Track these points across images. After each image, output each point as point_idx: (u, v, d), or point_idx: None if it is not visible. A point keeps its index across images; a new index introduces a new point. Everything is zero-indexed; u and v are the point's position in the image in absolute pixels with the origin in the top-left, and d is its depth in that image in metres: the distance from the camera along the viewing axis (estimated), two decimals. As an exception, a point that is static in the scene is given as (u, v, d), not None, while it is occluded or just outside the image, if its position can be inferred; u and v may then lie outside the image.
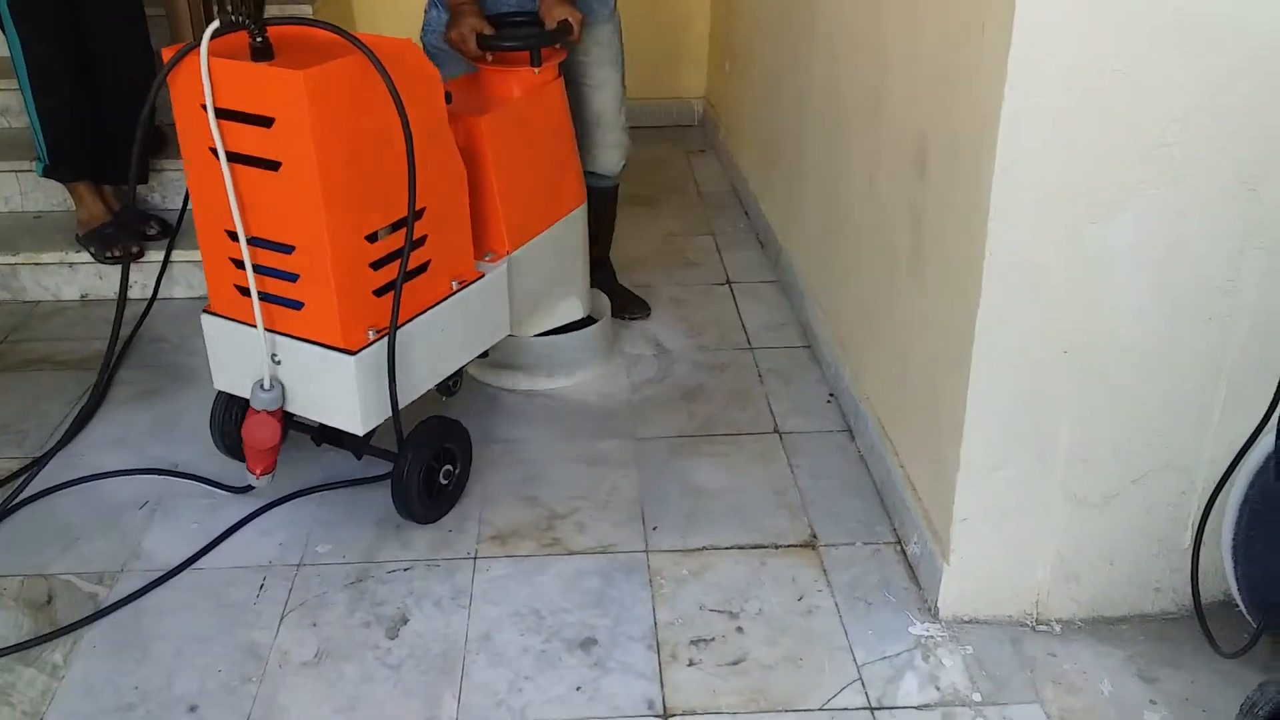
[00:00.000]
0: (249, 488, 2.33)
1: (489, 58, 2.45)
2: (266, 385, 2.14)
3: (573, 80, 2.73)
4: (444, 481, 2.30)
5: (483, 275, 2.37)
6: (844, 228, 2.68)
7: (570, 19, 2.50)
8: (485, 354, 2.50)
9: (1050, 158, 1.71)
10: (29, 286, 3.28)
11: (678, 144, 4.59)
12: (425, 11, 2.67)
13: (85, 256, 3.25)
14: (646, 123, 4.77)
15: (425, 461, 2.23)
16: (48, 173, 3.20)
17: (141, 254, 3.21)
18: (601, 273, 3.10)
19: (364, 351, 2.07)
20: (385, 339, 2.10)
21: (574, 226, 2.71)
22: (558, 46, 2.54)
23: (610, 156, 2.87)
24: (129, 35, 3.18)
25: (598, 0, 2.68)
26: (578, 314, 2.81)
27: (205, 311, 2.20)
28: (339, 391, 2.10)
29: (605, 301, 2.97)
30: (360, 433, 2.14)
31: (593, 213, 2.83)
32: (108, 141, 3.18)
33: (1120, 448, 1.90)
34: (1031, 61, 1.66)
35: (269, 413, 2.16)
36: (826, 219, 2.86)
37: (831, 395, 2.73)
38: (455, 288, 2.29)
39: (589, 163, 2.83)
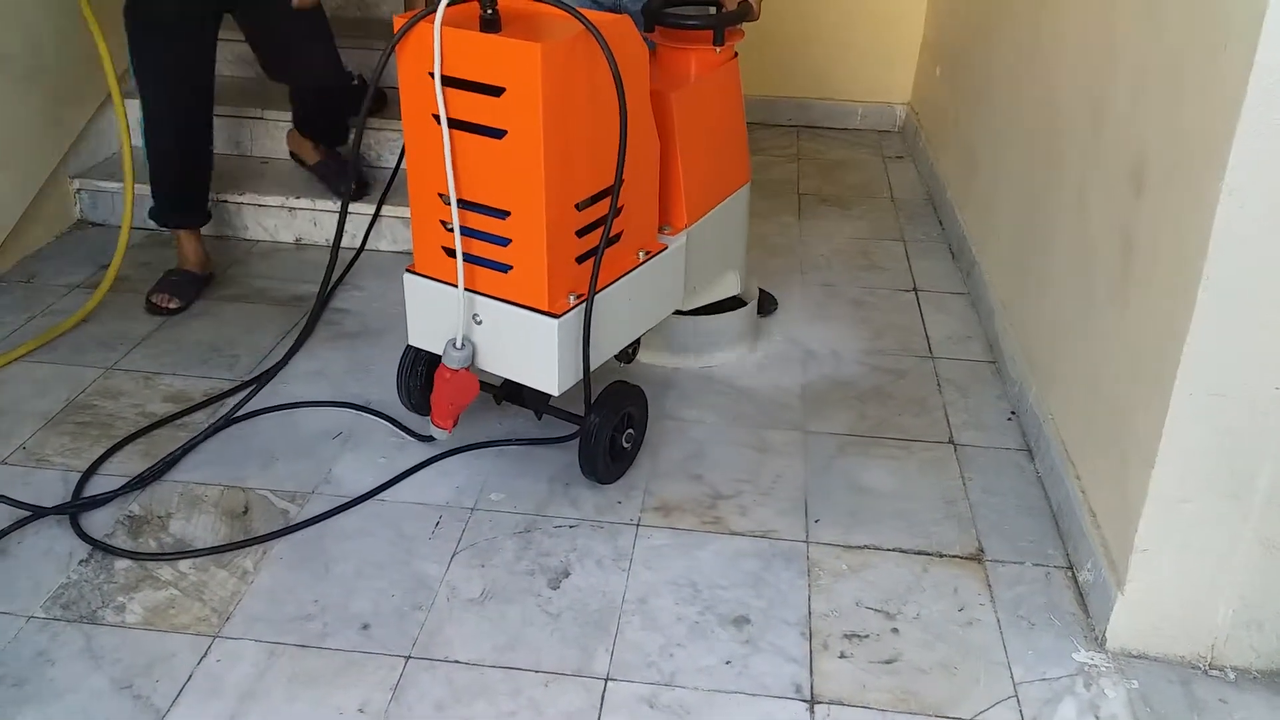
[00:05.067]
0: (430, 438, 2.44)
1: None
2: (459, 344, 2.23)
3: None
4: (625, 445, 2.37)
5: (665, 247, 2.42)
6: (1045, 243, 2.61)
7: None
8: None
9: (1284, 184, 1.64)
10: (250, 226, 3.51)
11: (876, 149, 4.54)
12: None
13: (304, 202, 3.46)
14: (846, 125, 4.76)
15: (612, 423, 2.30)
16: (152, 215, 3.13)
17: None
18: None
19: (566, 316, 2.14)
20: (583, 305, 2.17)
21: (740, 203, 2.75)
22: (739, 27, 2.59)
23: None
24: (314, 53, 3.12)
25: None
26: (734, 290, 2.84)
27: (408, 271, 2.29)
28: (539, 353, 2.17)
29: (754, 286, 3.00)
30: (556, 393, 2.20)
31: None
32: (321, 115, 3.38)
33: (1325, 497, 1.80)
34: (1275, 81, 1.59)
35: (465, 370, 2.25)
36: (1026, 232, 2.79)
37: (1013, 413, 2.66)
38: (642, 258, 2.35)
39: None
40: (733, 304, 2.87)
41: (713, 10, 2.58)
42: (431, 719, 1.80)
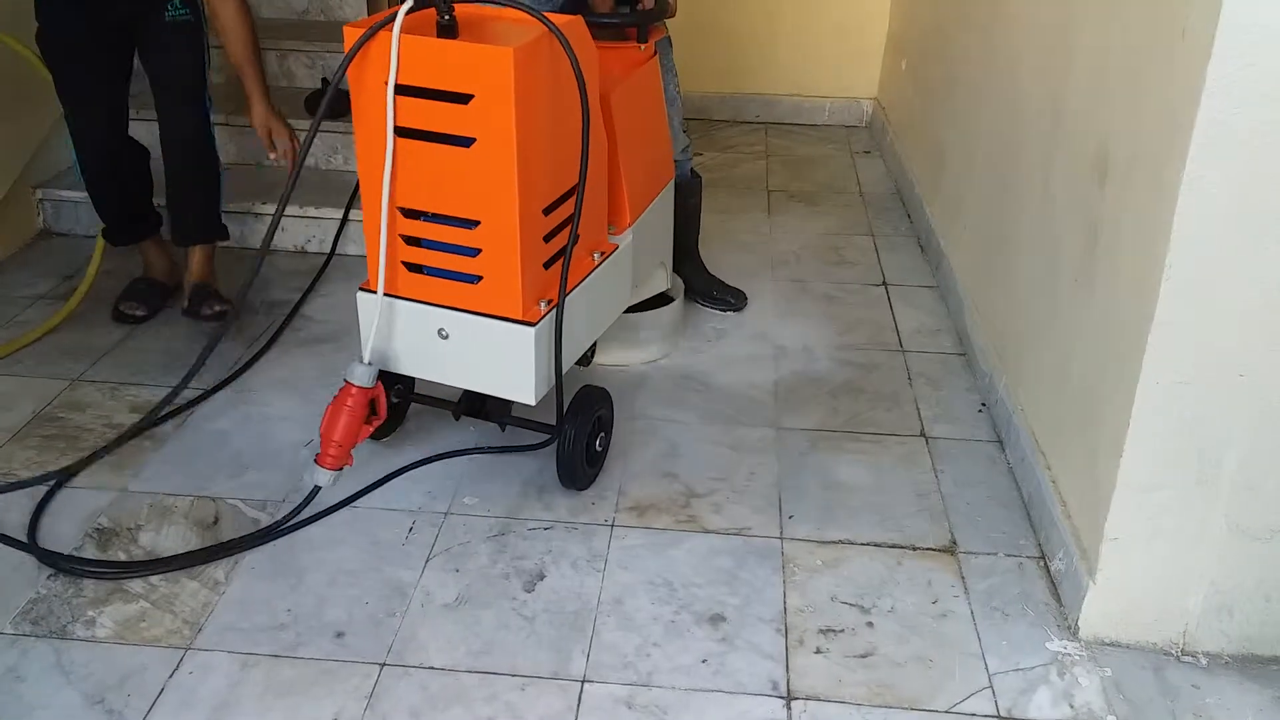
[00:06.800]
0: (316, 490, 2.20)
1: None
2: (366, 359, 2.13)
3: None
4: (599, 448, 2.36)
5: (617, 247, 2.42)
6: (1011, 235, 2.63)
7: None
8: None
9: (1244, 172, 1.65)
10: (217, 232, 3.48)
11: (844, 144, 4.56)
12: None
13: (269, 208, 3.43)
14: (813, 121, 4.78)
15: (587, 430, 2.28)
16: (103, 235, 3.09)
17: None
18: (691, 265, 3.12)
19: (541, 323, 2.12)
20: (554, 310, 2.15)
21: (668, 199, 2.77)
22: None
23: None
24: (184, 116, 2.93)
25: None
26: (663, 286, 2.85)
27: (361, 289, 2.21)
28: (514, 363, 2.13)
29: (680, 281, 3.01)
30: (533, 402, 2.17)
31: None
32: (184, 200, 3.03)
33: (1291, 481, 1.82)
34: (1233, 70, 1.60)
35: (363, 390, 2.13)
36: (994, 225, 2.80)
37: (984, 404, 2.68)
38: (597, 259, 2.34)
39: None
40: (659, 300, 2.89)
41: (626, 10, 2.60)
42: (408, 726, 1.79)
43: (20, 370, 2.76)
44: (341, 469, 2.16)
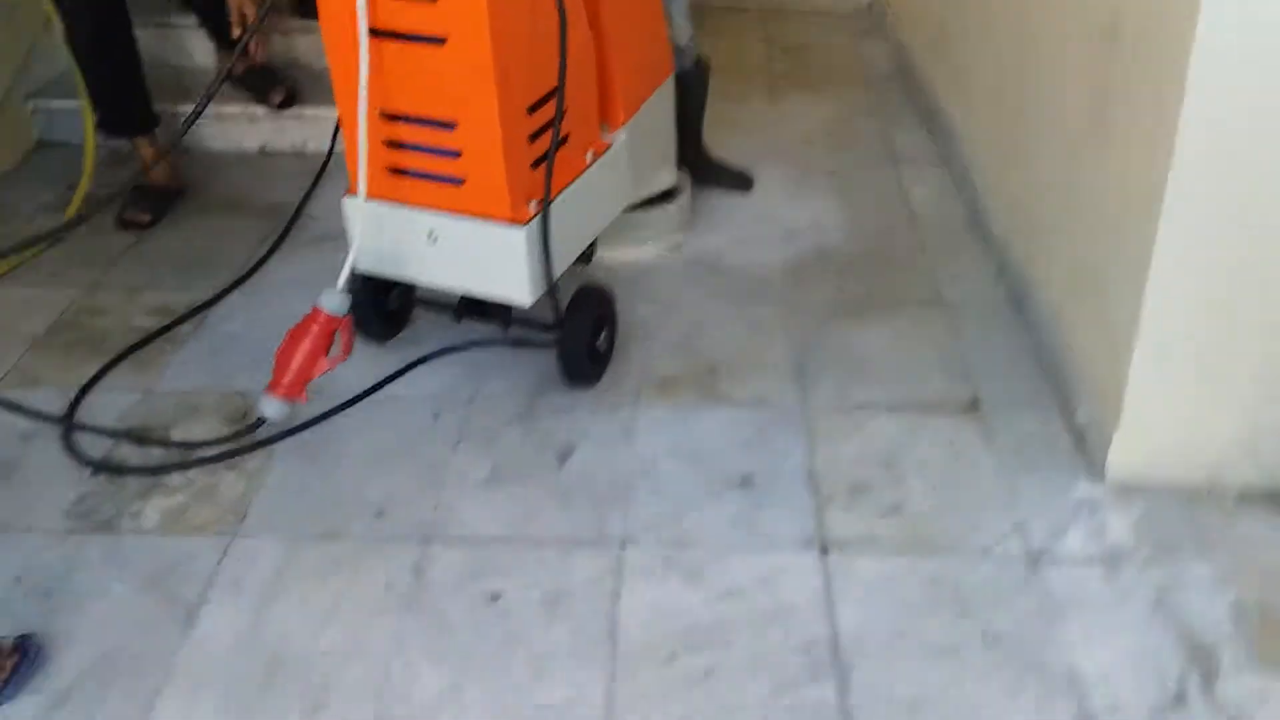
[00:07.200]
0: (259, 422, 2.11)
1: None
2: (342, 281, 2.05)
3: None
4: (601, 346, 2.34)
5: (610, 146, 2.37)
6: (1020, 101, 2.61)
7: None
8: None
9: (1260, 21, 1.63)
10: (215, 137, 3.45)
11: (845, 29, 4.48)
12: None
13: (265, 110, 3.38)
14: (813, 8, 4.69)
15: (588, 330, 2.27)
16: (99, 127, 3.09)
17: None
18: (695, 151, 3.08)
19: (532, 223, 2.08)
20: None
21: (668, 95, 2.70)
22: None
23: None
24: None
25: None
26: (669, 183, 2.81)
27: (347, 195, 2.17)
28: (507, 264, 2.10)
29: (685, 176, 2.96)
30: (528, 303, 2.14)
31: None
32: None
33: (1314, 320, 1.84)
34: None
35: (331, 318, 2.04)
36: (1001, 93, 2.78)
37: (998, 267, 2.69)
38: (590, 159, 2.30)
39: None
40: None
41: None
42: (458, 590, 1.83)
43: (35, 280, 2.75)
44: (292, 404, 2.06)
